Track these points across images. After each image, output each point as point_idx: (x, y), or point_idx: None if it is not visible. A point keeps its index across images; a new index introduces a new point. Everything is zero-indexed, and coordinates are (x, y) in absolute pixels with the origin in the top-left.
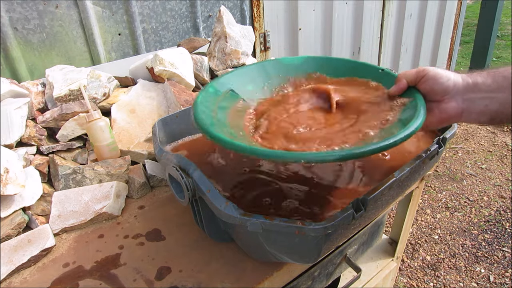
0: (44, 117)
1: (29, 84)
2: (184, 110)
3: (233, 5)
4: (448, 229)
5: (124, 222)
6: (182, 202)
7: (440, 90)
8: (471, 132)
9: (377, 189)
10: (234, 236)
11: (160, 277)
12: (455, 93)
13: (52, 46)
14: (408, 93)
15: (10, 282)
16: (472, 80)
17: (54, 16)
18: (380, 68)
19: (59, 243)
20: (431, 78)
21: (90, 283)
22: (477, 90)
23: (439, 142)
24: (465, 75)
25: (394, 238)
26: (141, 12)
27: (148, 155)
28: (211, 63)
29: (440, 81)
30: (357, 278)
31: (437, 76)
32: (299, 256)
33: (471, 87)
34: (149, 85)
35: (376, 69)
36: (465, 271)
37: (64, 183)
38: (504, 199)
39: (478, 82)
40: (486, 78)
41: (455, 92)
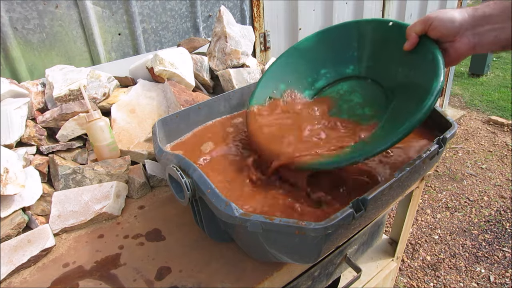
0: (44, 117)
1: (29, 84)
2: (184, 110)
3: (233, 5)
4: (448, 229)
5: (124, 222)
6: (182, 202)
7: (449, 33)
8: (471, 132)
9: (377, 189)
10: (234, 236)
11: (160, 277)
12: (465, 31)
13: (52, 46)
14: (422, 44)
15: (10, 282)
16: (480, 12)
17: (54, 16)
18: (388, 20)
19: (59, 243)
20: (438, 25)
21: (90, 283)
22: (485, 22)
23: (439, 142)
24: (471, 9)
25: (394, 238)
26: (141, 12)
27: (148, 155)
28: (211, 63)
29: (447, 25)
30: (357, 278)
31: (442, 21)
32: (299, 256)
33: (479, 20)
34: (149, 85)
35: (385, 23)
36: (465, 271)
37: (64, 183)
38: (504, 199)
39: (486, 14)
40: (494, 8)
41: (464, 30)
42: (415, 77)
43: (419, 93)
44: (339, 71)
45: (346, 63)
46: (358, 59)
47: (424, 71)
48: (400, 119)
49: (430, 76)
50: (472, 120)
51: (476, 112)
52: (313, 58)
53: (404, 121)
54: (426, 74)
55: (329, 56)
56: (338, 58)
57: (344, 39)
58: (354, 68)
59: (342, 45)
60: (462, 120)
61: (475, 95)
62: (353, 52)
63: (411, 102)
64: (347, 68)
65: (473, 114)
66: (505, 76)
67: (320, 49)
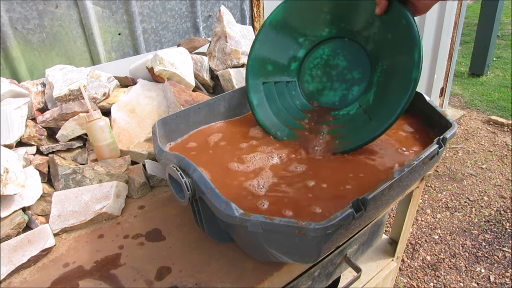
0: (44, 117)
1: (29, 84)
2: (184, 110)
3: (233, 5)
4: (448, 229)
5: (124, 222)
6: (182, 202)
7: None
8: (471, 132)
9: (377, 189)
10: (234, 236)
11: (160, 277)
12: None
13: (52, 46)
14: (392, 7)
15: (10, 282)
16: None
17: (54, 16)
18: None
19: (59, 243)
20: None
21: (90, 283)
22: None
23: (439, 142)
24: None
25: (394, 238)
26: (141, 12)
27: (148, 155)
28: (211, 63)
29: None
30: (357, 278)
31: None
32: (299, 256)
33: None
34: (149, 85)
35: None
36: (465, 271)
37: (64, 183)
38: (504, 199)
39: None
40: None
41: None
42: (395, 41)
43: (404, 59)
44: (315, 36)
45: (320, 27)
46: (331, 21)
47: (402, 36)
48: (392, 88)
49: (409, 44)
50: (472, 120)
51: (476, 112)
52: (288, 29)
53: (397, 97)
54: (405, 40)
55: (302, 23)
56: (312, 24)
57: (314, 4)
58: (329, 30)
59: (313, 11)
60: (462, 120)
61: (475, 95)
62: (326, 16)
63: (399, 69)
64: (322, 31)
65: (473, 114)
66: (505, 76)
67: (292, 18)
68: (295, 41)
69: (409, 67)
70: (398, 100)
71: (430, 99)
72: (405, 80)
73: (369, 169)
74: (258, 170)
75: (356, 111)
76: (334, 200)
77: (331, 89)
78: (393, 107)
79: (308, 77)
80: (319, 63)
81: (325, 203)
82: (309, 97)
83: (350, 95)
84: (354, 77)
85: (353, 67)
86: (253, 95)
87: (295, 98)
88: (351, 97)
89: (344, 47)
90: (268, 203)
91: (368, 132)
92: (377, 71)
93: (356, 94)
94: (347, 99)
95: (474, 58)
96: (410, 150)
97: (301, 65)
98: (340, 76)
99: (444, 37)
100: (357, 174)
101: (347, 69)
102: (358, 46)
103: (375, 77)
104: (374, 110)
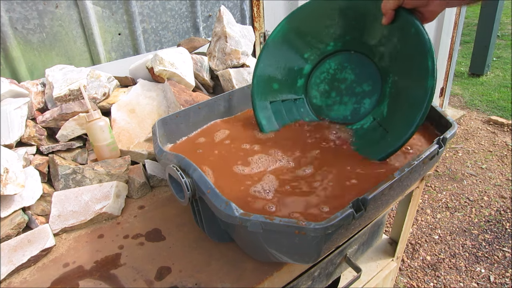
0: (44, 117)
1: (29, 84)
2: (184, 110)
3: (233, 5)
4: (448, 229)
5: (124, 222)
6: (182, 202)
7: (422, 1)
8: (471, 132)
9: (377, 189)
10: (234, 236)
11: (160, 277)
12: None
13: (52, 46)
14: (400, 17)
15: (10, 282)
16: None
17: (54, 16)
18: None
19: (59, 243)
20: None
21: (90, 283)
22: None
23: (439, 142)
24: None
25: (394, 238)
26: (141, 12)
27: (148, 155)
28: (211, 63)
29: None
30: (357, 278)
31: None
32: (299, 256)
33: None
34: (149, 85)
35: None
36: (465, 271)
37: (64, 183)
38: (504, 199)
39: None
40: None
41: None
42: (405, 50)
43: (416, 68)
44: (320, 50)
45: (325, 41)
46: (336, 35)
47: (412, 45)
48: (407, 99)
49: (421, 53)
50: (472, 120)
51: (476, 112)
52: (292, 45)
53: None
54: (416, 49)
55: (306, 38)
56: (316, 38)
57: (318, 18)
58: (334, 43)
59: (316, 25)
60: (462, 120)
61: (475, 95)
62: (329, 30)
63: (413, 79)
64: (327, 46)
65: (473, 114)
66: (505, 76)
67: (296, 33)
68: (300, 57)
69: (423, 76)
70: (414, 111)
71: None
72: (420, 89)
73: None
74: (263, 172)
75: (370, 124)
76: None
77: (341, 103)
78: (410, 118)
79: (316, 92)
80: (326, 78)
81: (333, 202)
82: (318, 112)
83: (362, 109)
84: (364, 90)
85: (362, 80)
86: (261, 115)
87: (304, 115)
88: (364, 111)
89: (351, 60)
90: (275, 207)
91: (387, 145)
92: (389, 82)
93: (369, 107)
94: (359, 113)
95: (474, 58)
96: (410, 150)
97: (308, 81)
98: (349, 90)
99: (444, 37)
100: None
101: (356, 82)
102: (365, 58)
103: (387, 88)
104: (390, 122)
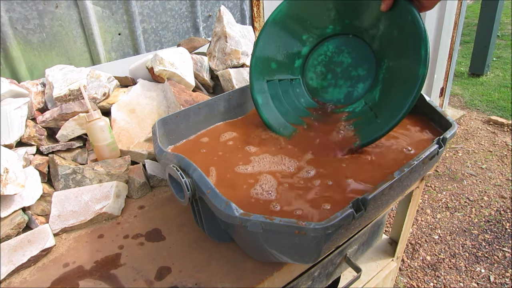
0: (44, 117)
1: (29, 84)
2: (184, 110)
3: (233, 5)
4: (448, 229)
5: (124, 222)
6: (182, 202)
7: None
8: (471, 132)
9: (377, 189)
10: (234, 236)
11: (160, 277)
12: None
13: (52, 46)
14: (398, 4)
15: (10, 282)
16: None
17: (54, 16)
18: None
19: (59, 243)
20: None
21: (90, 283)
22: None
23: (439, 142)
24: None
25: (394, 238)
26: (141, 12)
27: (148, 155)
28: (211, 63)
29: None
30: (357, 278)
31: None
32: (299, 256)
33: None
34: (149, 85)
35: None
36: (465, 271)
37: (64, 183)
38: (504, 199)
39: None
40: None
41: None
42: (401, 37)
43: (410, 55)
44: (319, 33)
45: (325, 24)
46: (336, 18)
47: (408, 33)
48: (398, 86)
49: (416, 40)
50: (472, 120)
51: (476, 112)
52: (291, 27)
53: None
54: (411, 36)
55: (306, 20)
56: (316, 21)
57: (317, 1)
58: (333, 27)
59: (317, 8)
60: (462, 120)
61: (475, 95)
62: (330, 12)
63: (405, 66)
64: (326, 29)
65: (473, 114)
66: (505, 76)
67: (296, 15)
68: (298, 38)
69: (416, 64)
70: (404, 97)
71: (430, 99)
72: (411, 76)
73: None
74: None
75: (362, 109)
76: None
77: (335, 86)
78: (399, 104)
79: (312, 74)
80: (323, 60)
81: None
82: (313, 94)
83: (355, 92)
84: (359, 74)
85: (358, 64)
86: (258, 94)
87: (299, 96)
88: (356, 94)
89: (348, 43)
90: (280, 206)
91: (375, 129)
92: (383, 68)
93: (362, 91)
94: (352, 96)
95: (474, 58)
96: (410, 150)
97: (305, 62)
98: (345, 73)
99: (444, 37)
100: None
101: (352, 66)
102: (363, 43)
103: (380, 74)
104: (380, 107)
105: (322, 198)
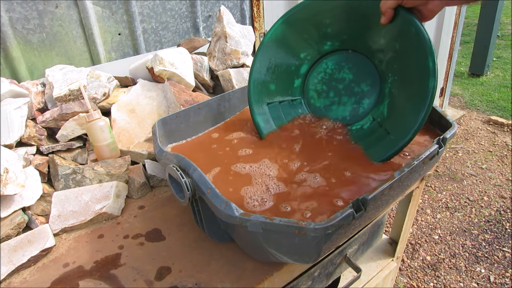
0: (44, 117)
1: (29, 84)
2: (184, 110)
3: (233, 5)
4: (448, 229)
5: (124, 222)
6: (182, 202)
7: (422, 0)
8: (471, 132)
9: (377, 189)
10: (234, 236)
11: (160, 277)
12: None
13: (52, 46)
14: (399, 16)
15: (10, 282)
16: None
17: (54, 16)
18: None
19: (59, 243)
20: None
21: (90, 283)
22: None
23: (439, 142)
24: None
25: (394, 238)
26: (141, 12)
27: (148, 155)
28: (211, 63)
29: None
30: (357, 278)
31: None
32: (299, 256)
33: None
34: (149, 85)
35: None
36: (465, 271)
37: (64, 183)
38: (504, 199)
39: None
40: None
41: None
42: (405, 50)
43: (417, 68)
44: (317, 50)
45: (322, 41)
46: (334, 34)
47: (412, 45)
48: (408, 99)
49: (422, 52)
50: (472, 120)
51: (476, 112)
52: (288, 45)
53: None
54: (416, 48)
55: (303, 37)
56: (313, 38)
57: (313, 18)
58: (331, 43)
59: (313, 24)
60: (462, 120)
61: (475, 95)
62: (326, 29)
63: (413, 79)
64: (324, 45)
65: (473, 114)
66: (505, 76)
67: (292, 33)
68: (296, 57)
69: (425, 76)
70: (416, 111)
71: None
72: (421, 89)
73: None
74: (266, 172)
75: (370, 125)
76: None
77: (339, 104)
78: (412, 118)
79: (313, 93)
80: (323, 78)
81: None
82: (317, 113)
83: (361, 109)
84: (363, 90)
85: (360, 80)
86: (259, 117)
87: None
88: (362, 111)
89: (348, 59)
90: (291, 207)
91: (390, 145)
92: (388, 81)
93: (367, 107)
94: (358, 113)
95: (474, 58)
96: (410, 150)
97: (305, 82)
98: (348, 90)
99: (444, 37)
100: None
101: (354, 82)
102: (363, 57)
103: (386, 88)
104: (391, 122)
105: (329, 197)
